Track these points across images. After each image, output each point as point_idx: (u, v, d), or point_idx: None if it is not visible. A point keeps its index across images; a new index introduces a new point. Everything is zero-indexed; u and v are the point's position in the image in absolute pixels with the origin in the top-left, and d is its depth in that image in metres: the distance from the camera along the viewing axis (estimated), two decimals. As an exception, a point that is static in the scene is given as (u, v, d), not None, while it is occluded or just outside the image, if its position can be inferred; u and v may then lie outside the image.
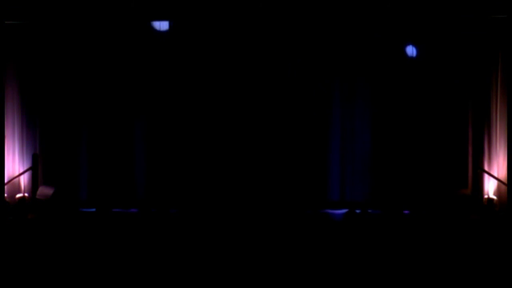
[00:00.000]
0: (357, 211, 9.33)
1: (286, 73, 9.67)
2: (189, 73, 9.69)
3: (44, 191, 9.30)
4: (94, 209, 9.45)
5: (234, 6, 9.27)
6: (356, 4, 9.18)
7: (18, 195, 9.41)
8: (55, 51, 9.65)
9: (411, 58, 9.53)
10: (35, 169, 9.58)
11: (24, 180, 9.59)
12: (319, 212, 9.44)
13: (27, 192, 9.53)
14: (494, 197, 9.22)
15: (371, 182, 9.57)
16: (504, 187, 9.10)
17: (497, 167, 9.34)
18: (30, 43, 9.61)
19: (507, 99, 8.98)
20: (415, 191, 9.41)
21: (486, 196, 9.27)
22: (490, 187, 9.31)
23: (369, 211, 9.34)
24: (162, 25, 9.50)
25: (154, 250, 7.76)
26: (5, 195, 9.21)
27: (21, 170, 9.56)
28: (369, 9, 9.16)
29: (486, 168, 9.37)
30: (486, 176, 9.35)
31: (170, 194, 9.63)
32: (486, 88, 9.46)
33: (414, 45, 9.51)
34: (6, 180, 9.20)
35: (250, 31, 9.57)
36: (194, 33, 9.61)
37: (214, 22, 9.48)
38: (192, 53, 9.66)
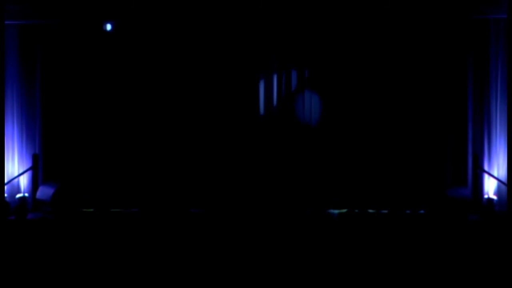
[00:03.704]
0: (356, 210, 9.35)
1: (287, 72, 9.68)
2: (190, 72, 9.69)
3: (44, 191, 9.31)
4: (94, 209, 9.47)
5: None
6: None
7: (18, 195, 9.41)
8: (55, 51, 9.66)
9: (409, 55, 9.53)
10: (35, 169, 9.58)
11: (24, 180, 9.60)
12: (318, 211, 9.44)
13: (27, 192, 9.53)
14: (494, 197, 9.21)
15: (369, 181, 9.56)
16: (504, 187, 9.10)
17: (497, 167, 9.34)
18: (30, 43, 9.61)
19: (507, 98, 8.97)
20: (414, 191, 9.40)
21: (486, 196, 9.27)
22: (490, 187, 9.31)
23: (368, 210, 9.34)
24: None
25: (154, 250, 7.77)
26: (5, 195, 9.22)
27: (21, 170, 9.57)
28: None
29: (486, 168, 9.36)
30: (486, 176, 9.35)
31: (171, 194, 9.63)
32: (486, 87, 9.46)
33: (414, 41, 9.52)
34: (6, 180, 9.19)
35: (250, 29, 9.59)
36: (194, 33, 9.61)
37: (213, 22, 9.52)
38: (192, 52, 9.66)
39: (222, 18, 9.43)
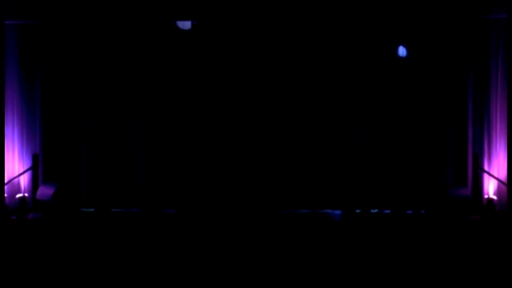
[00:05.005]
0: (357, 210, 9.34)
1: (285, 73, 9.67)
2: (189, 72, 9.68)
3: (44, 191, 9.31)
4: (94, 209, 9.47)
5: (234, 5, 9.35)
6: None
7: (18, 195, 9.41)
8: (55, 51, 9.65)
9: (410, 55, 9.53)
10: (35, 169, 9.58)
11: (24, 180, 9.60)
12: (318, 211, 9.44)
13: (27, 192, 9.53)
14: (494, 197, 9.21)
15: (370, 181, 9.55)
16: (504, 187, 9.10)
17: (497, 167, 9.34)
18: (30, 43, 9.62)
19: (507, 99, 8.96)
20: (414, 190, 9.40)
21: (486, 196, 9.27)
22: (490, 187, 9.31)
23: (368, 211, 9.34)
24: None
25: (154, 250, 7.77)
26: (5, 195, 9.21)
27: (21, 170, 9.57)
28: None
29: (486, 168, 9.36)
30: (486, 176, 9.35)
31: (171, 194, 9.62)
32: (486, 88, 9.46)
33: (414, 41, 9.52)
34: (6, 180, 9.19)
35: (250, 30, 9.57)
36: (194, 32, 9.61)
37: (214, 20, 9.51)
38: (193, 52, 9.65)
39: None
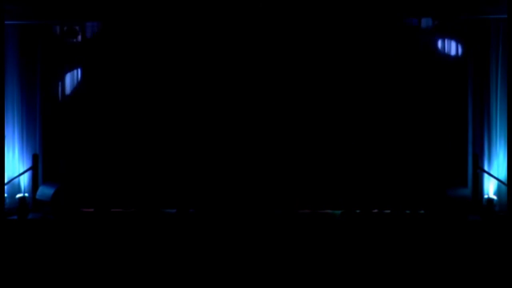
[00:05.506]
0: (357, 210, 9.34)
1: (285, 73, 9.66)
2: (190, 72, 9.68)
3: (44, 191, 9.31)
4: (94, 209, 9.47)
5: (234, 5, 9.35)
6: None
7: (18, 195, 9.41)
8: (54, 52, 9.65)
9: (409, 55, 9.53)
10: (35, 169, 9.59)
11: (24, 180, 9.60)
12: (318, 212, 9.44)
13: (27, 192, 9.53)
14: (494, 197, 9.21)
15: (370, 181, 9.55)
16: (504, 187, 9.10)
17: (497, 167, 9.34)
18: (30, 43, 9.62)
19: (507, 98, 8.96)
20: (414, 191, 9.40)
21: (486, 196, 9.26)
22: (490, 187, 9.31)
23: (368, 211, 9.34)
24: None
25: (154, 250, 7.78)
26: (5, 195, 9.22)
27: (21, 170, 9.57)
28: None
29: (486, 168, 9.36)
30: (486, 176, 9.35)
31: (171, 194, 9.62)
32: (486, 87, 9.46)
33: (414, 41, 9.52)
34: (6, 180, 9.19)
35: (250, 29, 9.58)
36: (194, 32, 9.62)
37: (212, 21, 9.52)
38: (194, 51, 9.65)
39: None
